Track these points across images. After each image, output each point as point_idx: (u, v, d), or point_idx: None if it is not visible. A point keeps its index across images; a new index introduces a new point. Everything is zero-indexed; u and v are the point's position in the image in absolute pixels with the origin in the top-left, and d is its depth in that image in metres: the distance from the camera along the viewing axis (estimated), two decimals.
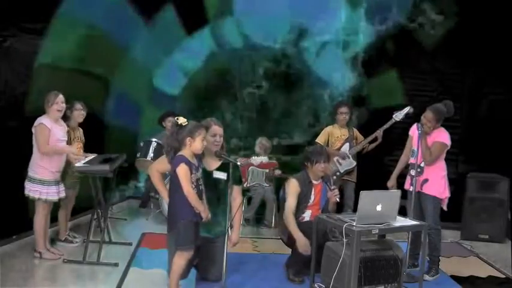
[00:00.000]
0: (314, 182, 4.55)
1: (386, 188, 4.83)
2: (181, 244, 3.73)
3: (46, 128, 4.56)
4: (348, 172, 5.92)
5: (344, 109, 5.93)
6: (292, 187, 4.46)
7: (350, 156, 5.86)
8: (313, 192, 4.53)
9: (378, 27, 6.86)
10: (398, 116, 5.53)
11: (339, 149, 5.87)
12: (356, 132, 6.05)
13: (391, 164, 5.51)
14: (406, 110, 5.46)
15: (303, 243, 4.22)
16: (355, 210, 5.52)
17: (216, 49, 7.33)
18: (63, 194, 4.78)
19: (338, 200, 4.61)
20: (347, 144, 5.90)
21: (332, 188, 4.62)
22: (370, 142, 5.85)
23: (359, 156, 5.97)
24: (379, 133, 5.75)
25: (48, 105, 4.61)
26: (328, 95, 7.11)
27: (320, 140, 5.98)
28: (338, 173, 5.85)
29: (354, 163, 5.89)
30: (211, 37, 7.30)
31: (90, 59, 6.31)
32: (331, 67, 7.10)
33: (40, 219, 4.69)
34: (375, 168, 6.29)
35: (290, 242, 4.42)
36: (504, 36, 6.45)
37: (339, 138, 5.94)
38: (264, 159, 6.62)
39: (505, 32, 6.45)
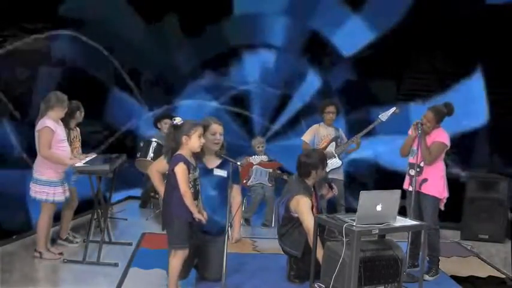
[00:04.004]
0: (313, 189, 4.53)
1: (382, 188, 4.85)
2: (175, 243, 3.72)
3: (51, 131, 4.53)
4: (335, 171, 5.93)
5: (331, 108, 5.95)
6: (305, 205, 4.29)
7: (336, 155, 5.89)
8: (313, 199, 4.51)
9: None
10: (383, 116, 5.56)
11: (325, 148, 5.88)
12: (341, 132, 6.08)
13: None
14: (392, 110, 5.49)
15: None
16: (348, 210, 5.60)
17: None
18: (68, 194, 4.77)
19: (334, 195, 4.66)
20: (333, 144, 5.92)
21: (333, 189, 4.64)
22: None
23: None
24: (360, 135, 5.78)
25: (57, 106, 4.57)
26: None
27: (306, 137, 6.00)
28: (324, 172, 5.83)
29: (340, 162, 5.91)
30: None
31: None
32: None
33: (45, 220, 4.68)
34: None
35: (305, 257, 4.32)
36: (504, 36, 6.48)
37: (324, 137, 5.96)
38: (263, 158, 6.61)
39: (505, 32, 6.47)
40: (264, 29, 7.24)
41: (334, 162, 5.86)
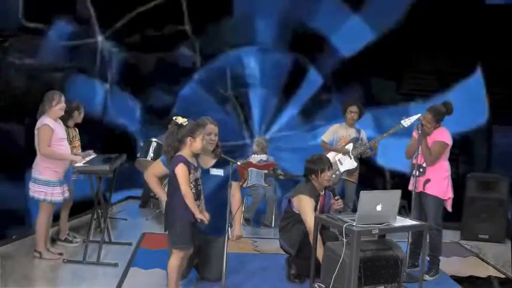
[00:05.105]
0: (321, 193, 4.49)
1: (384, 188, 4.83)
2: (178, 243, 3.72)
3: (50, 129, 4.53)
4: (349, 173, 5.90)
5: (353, 108, 5.89)
6: (307, 204, 4.31)
7: (352, 156, 5.84)
8: (319, 203, 4.49)
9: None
10: (406, 122, 5.33)
11: (343, 147, 5.86)
12: (363, 134, 6.01)
13: None
14: (416, 117, 5.12)
15: None
16: (354, 211, 5.56)
17: None
18: (67, 194, 4.75)
19: (341, 208, 4.59)
20: (351, 145, 5.88)
21: (336, 198, 4.57)
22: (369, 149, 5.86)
23: None
24: (378, 139, 5.74)
25: (52, 104, 4.56)
26: None
27: (326, 137, 5.96)
28: (338, 172, 5.81)
29: (355, 164, 5.84)
30: None
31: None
32: None
33: (43, 219, 4.67)
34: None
35: (300, 254, 4.34)
36: (504, 36, 6.48)
37: (344, 137, 5.92)
38: (263, 157, 6.62)
39: (505, 32, 6.48)
40: (264, 29, 7.24)
41: (349, 164, 5.83)
